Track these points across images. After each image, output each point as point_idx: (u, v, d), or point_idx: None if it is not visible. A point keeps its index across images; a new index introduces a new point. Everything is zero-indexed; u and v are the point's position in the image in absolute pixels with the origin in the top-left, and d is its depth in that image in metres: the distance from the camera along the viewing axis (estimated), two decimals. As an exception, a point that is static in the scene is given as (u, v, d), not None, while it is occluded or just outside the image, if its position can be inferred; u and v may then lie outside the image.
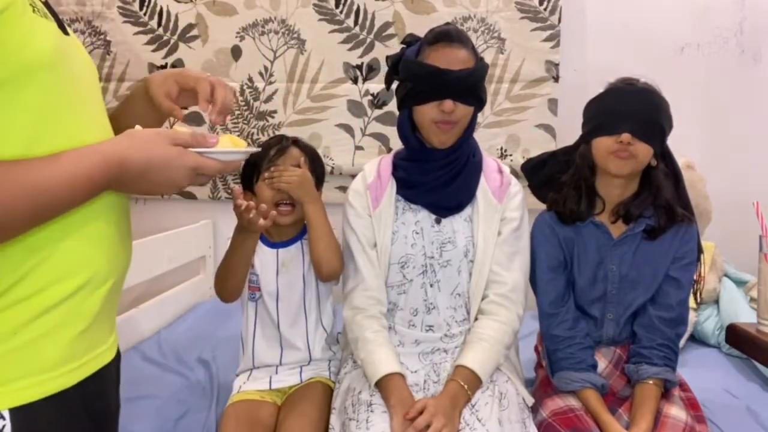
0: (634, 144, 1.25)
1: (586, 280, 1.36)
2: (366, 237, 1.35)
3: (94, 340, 0.77)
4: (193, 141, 0.78)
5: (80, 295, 0.73)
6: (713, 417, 1.38)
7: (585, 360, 1.33)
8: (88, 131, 0.74)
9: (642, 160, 1.28)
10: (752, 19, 2.30)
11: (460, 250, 1.32)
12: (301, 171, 1.36)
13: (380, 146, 2.40)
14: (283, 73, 2.41)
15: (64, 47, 0.72)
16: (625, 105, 1.28)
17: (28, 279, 0.69)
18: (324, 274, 1.36)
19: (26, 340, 0.69)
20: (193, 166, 0.77)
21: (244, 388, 1.42)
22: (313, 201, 1.36)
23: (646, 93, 1.29)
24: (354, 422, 1.18)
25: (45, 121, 0.68)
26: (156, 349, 1.85)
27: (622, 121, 1.27)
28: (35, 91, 0.67)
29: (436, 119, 1.26)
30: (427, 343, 1.35)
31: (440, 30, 1.28)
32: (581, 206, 1.35)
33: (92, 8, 2.46)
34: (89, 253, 0.75)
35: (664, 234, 1.32)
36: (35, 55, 0.66)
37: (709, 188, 2.02)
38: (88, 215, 0.74)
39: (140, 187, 0.75)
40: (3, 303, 0.67)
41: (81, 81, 0.76)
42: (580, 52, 2.36)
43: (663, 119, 1.29)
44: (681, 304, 1.32)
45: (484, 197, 1.34)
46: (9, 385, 0.67)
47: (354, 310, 1.34)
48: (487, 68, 1.31)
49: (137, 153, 0.72)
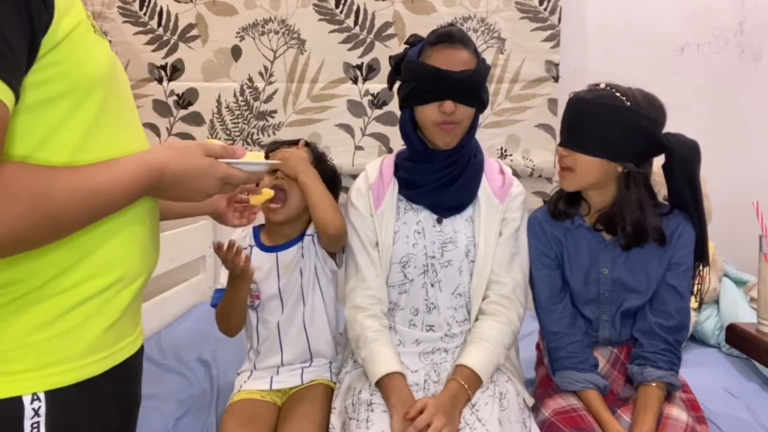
0: (571, 156, 1.27)
1: (579, 281, 1.36)
2: (368, 236, 1.35)
3: (121, 332, 0.83)
4: (224, 152, 0.86)
5: (113, 290, 0.79)
6: (713, 417, 1.38)
7: (587, 360, 1.33)
8: (127, 142, 0.80)
9: (581, 171, 1.26)
10: (752, 19, 2.31)
11: (461, 251, 1.32)
12: (291, 149, 1.38)
13: (380, 146, 2.41)
14: (283, 73, 2.41)
15: (115, 64, 0.80)
16: (565, 117, 1.31)
17: (68, 273, 0.74)
18: (331, 234, 1.33)
19: (62, 329, 0.74)
20: (223, 176, 0.85)
21: (245, 387, 1.42)
22: (304, 171, 1.34)
23: (583, 102, 1.26)
24: (354, 421, 1.18)
25: (93, 132, 0.75)
26: (156, 349, 1.85)
27: (561, 135, 1.31)
28: (90, 104, 0.74)
29: (437, 120, 1.26)
30: (427, 343, 1.35)
31: (443, 31, 1.28)
32: (561, 204, 1.36)
33: (92, 8, 2.45)
34: (125, 253, 0.81)
35: (640, 245, 1.28)
36: (95, 70, 0.74)
37: (709, 188, 2.02)
38: (126, 218, 0.81)
39: (175, 194, 0.83)
40: (42, 295, 0.73)
41: (125, 96, 0.84)
42: (580, 52, 2.36)
43: (603, 127, 1.22)
44: (680, 312, 1.31)
45: (486, 197, 1.34)
46: (46, 369, 0.73)
47: (355, 309, 1.35)
48: (488, 70, 1.31)
49: (175, 162, 0.80)
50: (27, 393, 0.71)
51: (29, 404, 0.70)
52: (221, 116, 2.45)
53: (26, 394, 0.71)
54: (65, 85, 0.70)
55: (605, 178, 1.27)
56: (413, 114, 1.31)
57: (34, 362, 0.72)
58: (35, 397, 0.71)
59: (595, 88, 1.28)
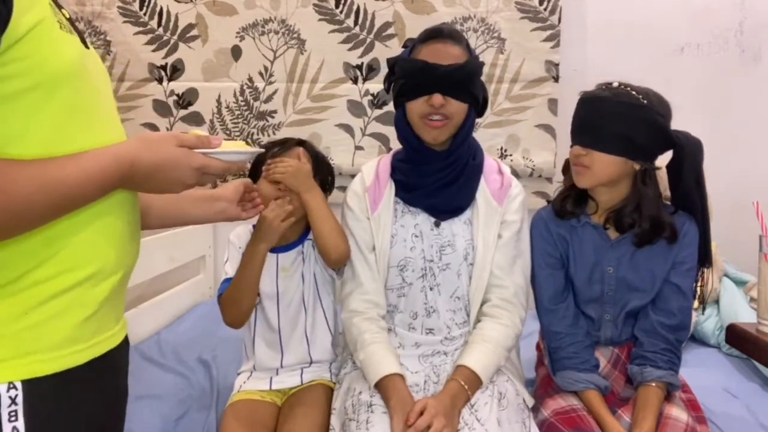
0: (588, 154, 1.26)
1: (583, 280, 1.36)
2: (364, 240, 1.35)
3: (101, 324, 0.83)
4: (198, 142, 0.85)
5: (89, 284, 0.80)
6: (713, 417, 1.38)
7: (588, 360, 1.33)
8: (103, 136, 0.80)
9: (599, 170, 1.26)
10: (752, 19, 2.31)
11: (460, 254, 1.31)
12: (296, 162, 1.35)
13: (380, 146, 2.41)
14: (283, 73, 2.41)
15: (85, 60, 0.80)
16: (579, 115, 1.30)
17: (42, 267, 0.75)
18: (333, 258, 1.33)
19: (36, 320, 0.75)
20: (198, 166, 0.84)
21: (244, 387, 1.42)
22: (309, 190, 1.34)
23: (600, 101, 1.26)
24: (354, 423, 1.18)
25: (64, 126, 0.75)
26: (156, 349, 1.85)
27: (575, 133, 1.30)
28: (58, 99, 0.74)
29: (424, 114, 1.25)
30: (427, 346, 1.34)
31: (433, 28, 1.29)
32: (568, 205, 1.35)
33: (92, 8, 2.45)
34: (99, 247, 0.81)
35: (652, 243, 1.29)
36: (60, 66, 0.74)
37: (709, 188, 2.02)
38: (100, 211, 0.81)
39: (150, 186, 0.83)
40: (17, 287, 0.74)
41: (98, 91, 0.83)
42: (580, 52, 2.36)
43: (621, 125, 1.23)
44: (682, 311, 1.31)
45: (484, 200, 1.33)
46: (22, 359, 0.74)
47: (351, 313, 1.34)
48: (479, 65, 1.30)
49: (147, 154, 0.80)
50: (3, 382, 0.72)
51: (5, 392, 0.72)
52: (221, 116, 2.45)
53: (2, 383, 0.72)
54: (30, 81, 0.71)
55: (620, 175, 1.28)
56: (405, 113, 1.30)
57: (10, 352, 0.74)
58: (11, 386, 0.73)
59: (609, 87, 1.28)
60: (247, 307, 1.35)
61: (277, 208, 1.30)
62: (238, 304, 1.34)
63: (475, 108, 1.32)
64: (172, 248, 2.16)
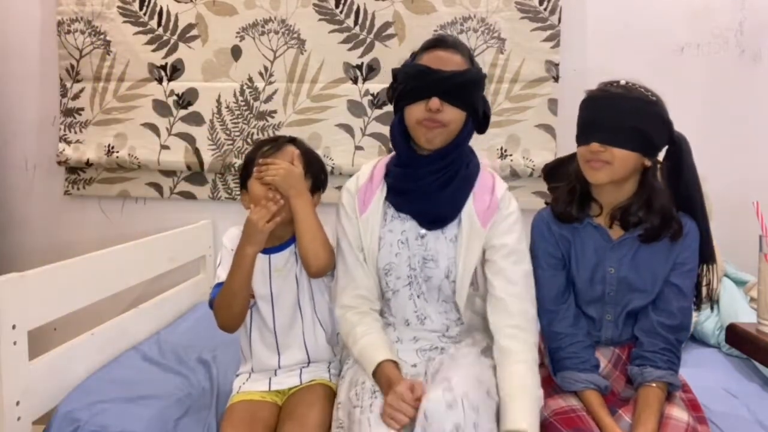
0: (607, 151, 1.25)
1: (584, 280, 1.36)
2: (355, 238, 1.35)
3: None
4: None
5: None
6: (713, 417, 1.38)
7: (589, 360, 1.33)
8: None
9: (619, 165, 1.26)
10: (752, 19, 2.31)
11: (442, 271, 1.31)
12: (288, 164, 1.34)
13: (380, 146, 2.41)
14: (283, 73, 2.41)
15: None
16: (594, 113, 1.28)
17: None
18: (312, 268, 1.33)
19: None
20: None
21: (243, 389, 1.42)
22: (299, 195, 1.33)
23: (616, 97, 1.26)
24: (358, 408, 1.19)
25: None
26: (156, 349, 1.85)
27: (591, 130, 1.27)
28: None
29: (421, 117, 1.26)
30: (425, 341, 1.36)
31: (437, 36, 1.32)
32: (572, 209, 1.35)
33: (92, 8, 2.46)
34: None
35: (659, 239, 1.30)
36: None
37: (709, 188, 2.02)
38: None
39: None
40: None
41: None
42: (580, 52, 2.36)
43: (638, 121, 1.24)
44: (683, 311, 1.31)
45: (469, 219, 1.31)
46: None
47: (344, 308, 1.35)
48: (481, 76, 1.31)
49: None
50: None
51: None
52: (221, 116, 2.45)
53: None
54: None
55: (632, 171, 1.29)
56: (403, 120, 1.31)
57: None
58: None
59: (619, 84, 1.28)
60: (239, 311, 1.34)
61: (261, 210, 1.29)
62: (229, 309, 1.33)
63: (474, 120, 1.32)
64: (172, 248, 2.16)
